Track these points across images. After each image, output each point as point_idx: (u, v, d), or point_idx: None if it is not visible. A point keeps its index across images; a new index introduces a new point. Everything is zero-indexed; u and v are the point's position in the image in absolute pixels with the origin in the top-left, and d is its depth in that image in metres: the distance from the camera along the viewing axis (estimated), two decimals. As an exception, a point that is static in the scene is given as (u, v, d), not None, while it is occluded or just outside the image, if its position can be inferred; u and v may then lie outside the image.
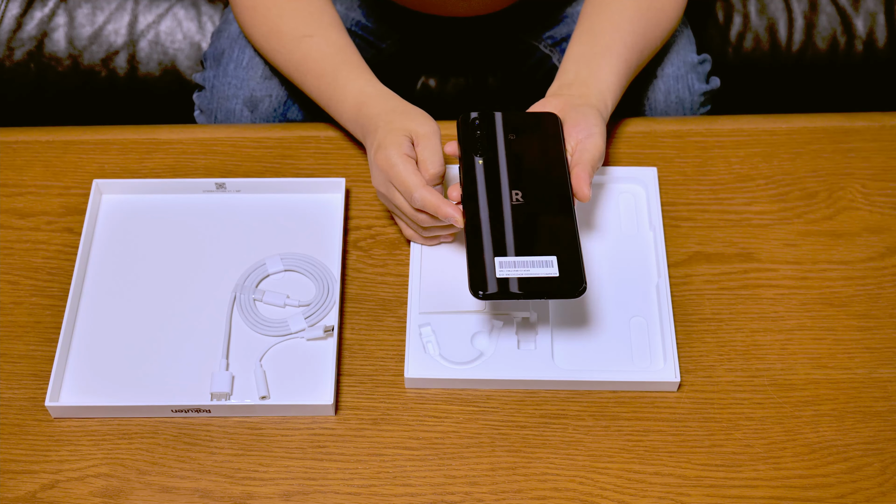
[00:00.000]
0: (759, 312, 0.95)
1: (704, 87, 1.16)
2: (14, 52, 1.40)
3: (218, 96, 1.16)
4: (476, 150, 0.90)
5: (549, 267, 0.83)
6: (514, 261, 0.83)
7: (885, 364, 0.92)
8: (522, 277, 0.82)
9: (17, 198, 1.03)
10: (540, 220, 0.86)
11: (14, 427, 0.89)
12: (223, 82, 1.16)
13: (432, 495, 0.85)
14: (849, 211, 1.01)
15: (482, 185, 0.88)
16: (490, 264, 0.83)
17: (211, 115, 1.17)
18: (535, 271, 0.83)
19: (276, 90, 1.15)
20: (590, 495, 0.85)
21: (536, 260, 0.83)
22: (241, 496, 0.85)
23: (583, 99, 0.95)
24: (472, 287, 0.82)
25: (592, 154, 0.90)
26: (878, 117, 1.09)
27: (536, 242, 0.84)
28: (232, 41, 1.17)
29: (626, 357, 0.92)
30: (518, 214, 0.86)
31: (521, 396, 0.90)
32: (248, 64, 1.15)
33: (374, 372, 0.92)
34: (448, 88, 1.39)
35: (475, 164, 0.89)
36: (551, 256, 0.83)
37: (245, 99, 1.15)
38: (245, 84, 1.15)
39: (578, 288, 0.82)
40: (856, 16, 1.42)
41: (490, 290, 0.82)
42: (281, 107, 1.15)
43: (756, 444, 0.88)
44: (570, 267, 0.83)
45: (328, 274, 0.96)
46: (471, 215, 0.86)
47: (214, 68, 1.17)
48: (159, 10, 1.41)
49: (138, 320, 0.94)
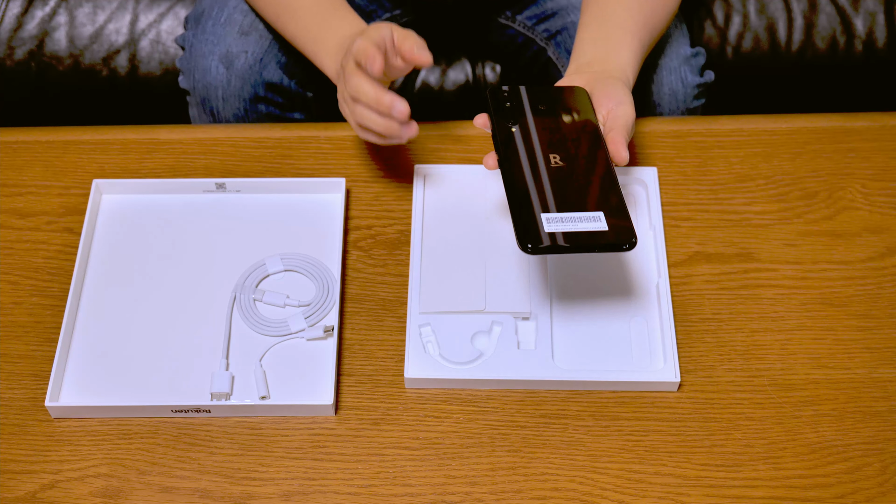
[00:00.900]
0: (759, 312, 0.95)
1: (698, 79, 1.16)
2: (15, 51, 1.40)
3: (195, 54, 1.15)
4: (509, 119, 0.89)
5: (598, 221, 0.82)
6: (561, 216, 0.81)
7: (885, 364, 0.92)
8: (571, 231, 0.81)
9: (17, 198, 1.03)
10: (582, 180, 0.85)
11: (14, 427, 0.89)
12: (201, 40, 1.15)
13: (432, 495, 0.85)
14: (849, 211, 1.01)
15: (520, 150, 0.87)
16: (537, 219, 0.81)
17: (189, 74, 1.16)
18: (584, 226, 0.81)
19: (252, 46, 1.14)
20: (590, 495, 0.85)
21: (584, 216, 0.82)
22: (241, 496, 0.85)
23: (606, 73, 0.95)
24: (520, 241, 0.80)
25: (626, 120, 0.90)
26: (878, 117, 1.09)
27: (582, 200, 0.83)
28: (213, 1, 1.17)
29: (626, 357, 0.92)
30: (559, 175, 0.85)
31: (521, 396, 0.90)
32: (226, 21, 1.15)
33: (374, 372, 0.92)
34: (447, 87, 1.39)
35: (510, 131, 0.88)
36: (598, 212, 0.82)
37: (221, 55, 1.14)
38: (222, 40, 1.14)
39: (630, 240, 0.81)
40: (855, 16, 1.42)
41: (541, 244, 0.80)
42: (257, 64, 1.14)
43: (756, 444, 0.88)
44: (619, 221, 0.82)
45: (328, 274, 0.96)
46: (511, 175, 0.85)
47: (194, 28, 1.17)
48: (160, 9, 1.41)
49: (138, 320, 0.94)
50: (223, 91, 1.15)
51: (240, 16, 1.15)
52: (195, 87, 1.16)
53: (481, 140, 1.06)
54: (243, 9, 1.15)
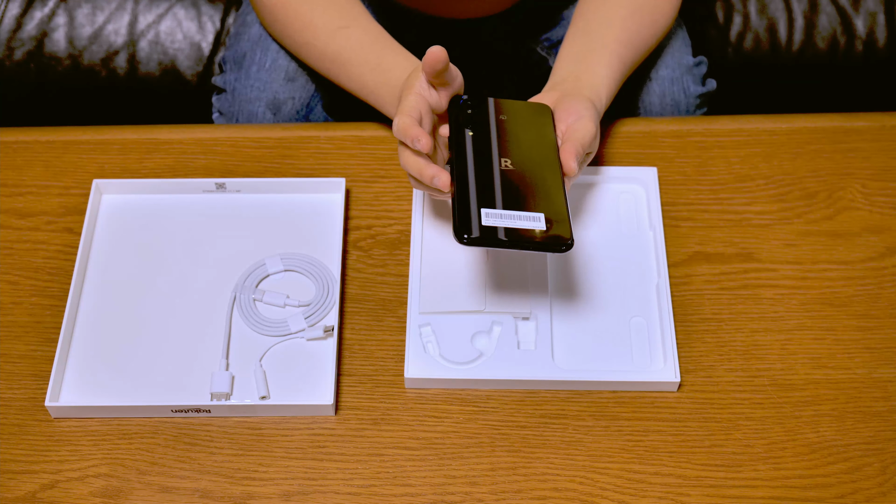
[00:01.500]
0: (759, 312, 0.95)
1: (700, 89, 1.16)
2: (14, 51, 1.40)
3: (240, 99, 1.15)
4: (466, 124, 0.89)
5: (537, 222, 0.82)
6: (501, 213, 0.82)
7: (885, 364, 0.92)
8: (509, 227, 0.81)
9: (17, 198, 1.03)
10: (528, 183, 0.85)
11: (14, 427, 0.89)
12: (245, 85, 1.15)
13: (432, 495, 0.85)
14: (849, 211, 1.01)
15: (471, 151, 0.87)
16: (475, 213, 0.82)
17: (232, 117, 1.16)
18: (522, 223, 0.82)
19: (299, 92, 1.14)
20: (590, 495, 0.85)
21: (524, 214, 0.82)
22: (241, 496, 0.85)
23: (576, 91, 0.95)
24: (456, 231, 0.80)
25: (582, 134, 0.89)
26: (878, 117, 1.09)
27: (524, 200, 0.84)
28: (253, 44, 1.17)
29: (626, 357, 0.92)
30: (506, 177, 0.85)
31: (521, 396, 0.90)
32: (271, 66, 1.15)
33: (374, 372, 0.92)
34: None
35: (465, 135, 0.88)
36: (539, 213, 0.83)
37: (268, 101, 1.14)
38: (268, 87, 1.14)
39: (565, 242, 0.81)
40: (856, 16, 1.42)
41: (474, 235, 0.80)
42: (304, 109, 1.15)
43: (756, 444, 0.88)
44: (558, 223, 0.82)
45: (328, 274, 0.96)
46: (458, 172, 0.85)
47: (236, 71, 1.16)
48: (159, 9, 1.41)
49: (138, 320, 0.94)
50: None
51: (284, 61, 1.15)
52: None
53: (481, 140, 1.06)
54: (287, 54, 1.15)
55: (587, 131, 0.90)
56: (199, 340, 0.93)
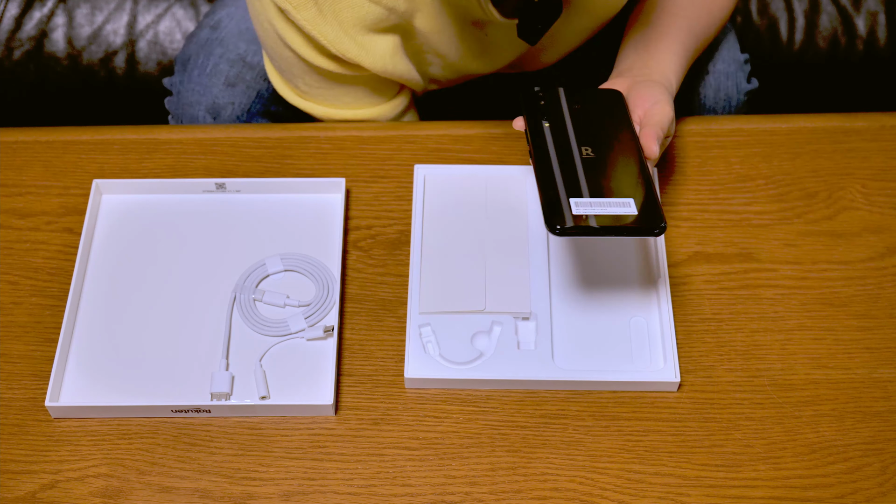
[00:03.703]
0: (759, 312, 0.95)
1: (748, 86, 1.17)
2: (13, 51, 1.40)
3: (183, 102, 1.16)
4: (542, 115, 0.90)
5: (628, 207, 0.82)
6: (590, 201, 0.82)
7: (885, 364, 0.92)
8: (599, 214, 0.81)
9: (17, 198, 1.03)
10: (613, 170, 0.86)
11: (14, 427, 0.89)
12: (188, 88, 1.16)
13: (432, 495, 0.85)
14: (849, 211, 1.01)
15: (551, 142, 0.88)
16: (566, 203, 0.82)
17: (178, 120, 1.17)
18: (613, 210, 0.82)
19: (238, 98, 1.15)
20: (590, 495, 0.85)
21: (614, 201, 0.83)
22: (241, 496, 0.85)
23: (647, 77, 0.96)
24: (548, 222, 0.81)
25: (661, 118, 0.90)
26: (878, 117, 1.09)
27: (612, 187, 0.84)
28: (199, 47, 1.17)
29: (626, 357, 0.92)
30: (590, 165, 0.86)
31: (521, 396, 0.90)
32: (212, 71, 1.15)
33: (374, 372, 0.92)
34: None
35: (542, 126, 0.89)
36: (628, 198, 0.83)
37: (208, 106, 1.15)
38: (208, 91, 1.15)
39: (659, 225, 0.81)
40: (857, 15, 1.42)
41: (568, 225, 0.80)
42: (244, 115, 1.15)
43: (756, 444, 0.88)
44: (649, 206, 0.82)
45: (328, 274, 0.96)
46: (541, 163, 0.86)
47: (181, 73, 1.18)
48: (158, 10, 1.41)
49: (138, 320, 0.94)
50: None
51: (226, 66, 1.15)
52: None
53: (481, 140, 1.06)
54: (229, 58, 1.15)
55: (665, 115, 0.90)
56: (199, 340, 0.93)
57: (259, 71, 1.16)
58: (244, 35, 1.17)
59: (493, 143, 1.06)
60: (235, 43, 1.16)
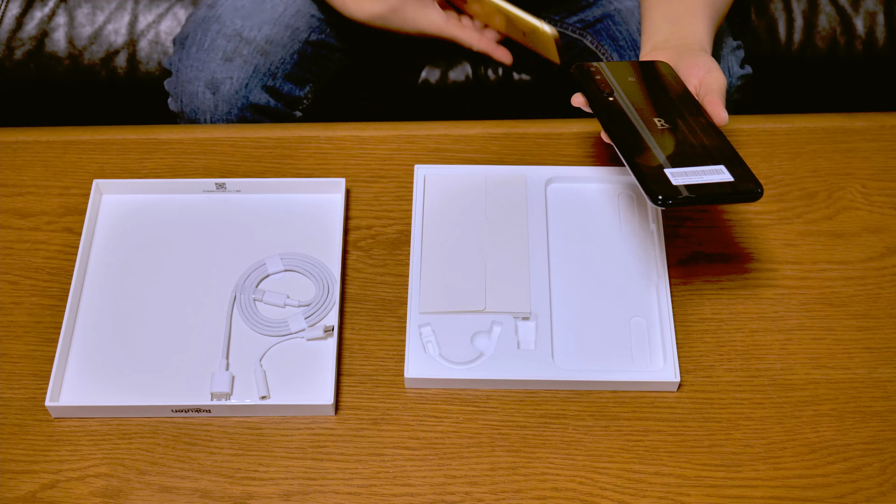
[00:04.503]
0: (759, 312, 0.95)
1: (741, 71, 1.17)
2: (14, 51, 1.40)
3: (182, 80, 1.17)
4: (602, 91, 0.90)
5: (722, 174, 0.83)
6: (685, 171, 0.83)
7: (885, 364, 0.92)
8: (699, 183, 0.82)
9: (17, 198, 1.03)
10: (693, 139, 0.86)
11: (14, 427, 0.89)
12: (186, 65, 1.17)
13: (432, 495, 0.85)
14: (849, 211, 1.01)
15: (623, 116, 0.88)
16: (662, 174, 0.82)
17: (178, 98, 1.18)
18: (710, 178, 0.82)
19: (236, 72, 1.15)
20: (590, 495, 0.85)
21: (707, 169, 0.83)
22: (241, 496, 0.85)
23: (688, 47, 0.96)
24: (651, 196, 0.81)
25: (720, 84, 0.91)
26: (878, 117, 1.09)
27: (700, 155, 0.84)
28: (196, 25, 1.19)
29: (626, 357, 0.92)
30: (669, 136, 0.86)
31: (521, 396, 0.90)
32: (210, 46, 1.16)
33: (374, 372, 0.92)
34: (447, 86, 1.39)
35: (608, 102, 0.89)
36: (720, 165, 0.84)
37: (206, 81, 1.15)
38: (206, 66, 1.16)
39: (757, 189, 0.82)
40: (855, 15, 1.42)
41: (673, 196, 0.81)
42: (242, 89, 1.16)
43: (756, 444, 0.88)
44: (742, 172, 0.83)
45: (328, 274, 0.96)
46: (624, 138, 0.86)
47: (179, 52, 1.19)
48: (159, 9, 1.41)
49: (138, 320, 0.94)
50: (211, 115, 1.17)
51: (223, 41, 1.16)
52: (183, 111, 1.19)
53: (481, 140, 1.06)
54: (226, 34, 1.16)
55: (723, 81, 0.91)
56: (200, 340, 0.93)
57: (255, 46, 1.17)
58: (240, 11, 1.18)
59: (493, 143, 1.06)
60: (231, 19, 1.17)
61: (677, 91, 0.91)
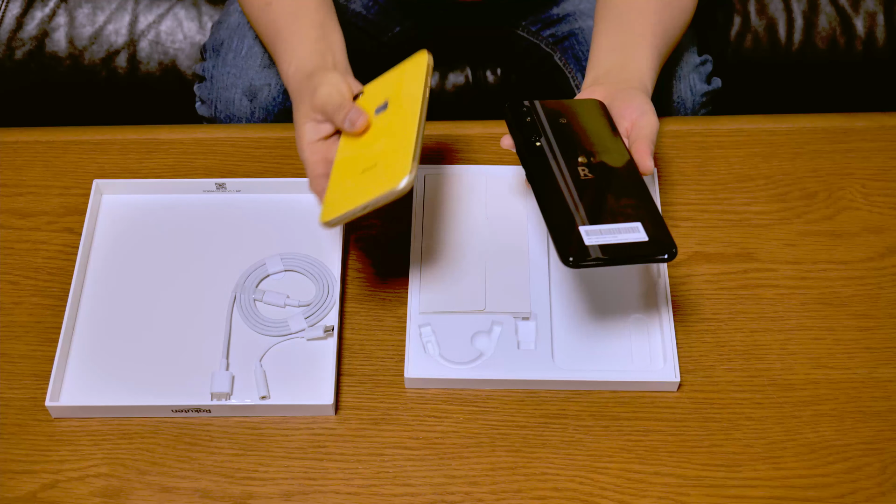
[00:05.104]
0: (759, 312, 0.95)
1: (706, 87, 1.16)
2: (15, 51, 1.40)
3: (218, 86, 1.17)
4: (531, 134, 0.88)
5: (637, 232, 0.81)
6: (600, 228, 0.81)
7: (885, 364, 0.92)
8: (612, 244, 0.80)
9: (17, 198, 1.03)
10: (614, 192, 0.84)
11: (14, 427, 0.89)
12: (223, 72, 1.17)
13: (432, 495, 0.85)
14: (849, 211, 1.01)
15: (548, 164, 0.86)
16: (576, 233, 0.81)
17: (211, 104, 1.17)
18: (624, 237, 0.81)
19: (274, 79, 1.15)
20: (590, 495, 0.85)
21: (622, 227, 0.81)
22: (241, 496, 0.85)
23: (626, 83, 0.94)
24: (562, 256, 0.79)
25: (650, 129, 0.88)
26: (878, 117, 1.09)
27: (617, 211, 0.83)
28: (231, 31, 1.18)
29: (626, 357, 0.92)
30: (590, 187, 0.84)
31: (521, 396, 0.90)
32: (247, 53, 1.16)
33: (374, 372, 0.92)
34: (447, 87, 1.39)
35: (534, 146, 0.87)
36: (636, 223, 0.82)
37: (244, 88, 1.15)
38: (244, 73, 1.16)
39: (670, 250, 0.81)
40: (855, 16, 1.42)
41: (582, 258, 0.79)
42: (280, 95, 1.16)
43: (756, 444, 0.88)
44: (657, 231, 0.82)
45: (328, 274, 0.96)
46: (543, 190, 0.84)
47: (214, 58, 1.18)
48: (160, 9, 1.41)
49: (138, 320, 0.94)
50: (247, 122, 1.16)
51: (260, 48, 1.16)
52: (217, 117, 1.18)
53: (481, 140, 1.06)
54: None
55: (654, 126, 0.89)
56: (199, 340, 0.93)
57: None
58: None
59: (493, 143, 1.06)
60: None
61: (607, 135, 0.89)
